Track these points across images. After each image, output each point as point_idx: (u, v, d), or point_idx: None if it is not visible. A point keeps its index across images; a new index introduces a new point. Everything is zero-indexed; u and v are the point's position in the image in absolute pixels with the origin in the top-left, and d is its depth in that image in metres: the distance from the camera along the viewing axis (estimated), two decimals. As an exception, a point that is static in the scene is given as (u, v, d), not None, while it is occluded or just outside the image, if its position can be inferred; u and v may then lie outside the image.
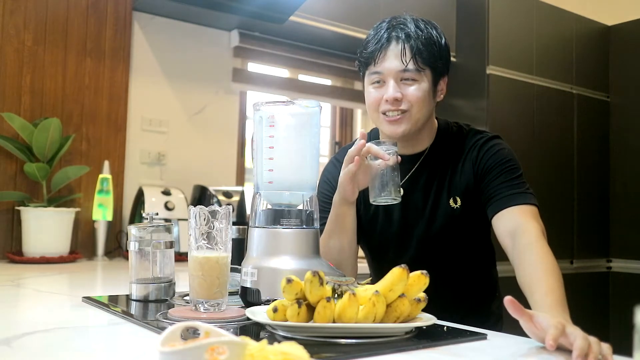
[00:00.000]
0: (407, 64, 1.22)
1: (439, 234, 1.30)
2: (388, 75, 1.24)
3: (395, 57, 1.23)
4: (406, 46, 1.22)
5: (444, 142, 1.33)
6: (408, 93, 1.23)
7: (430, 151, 1.33)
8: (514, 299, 0.79)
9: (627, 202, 3.31)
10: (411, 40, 1.22)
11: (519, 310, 0.79)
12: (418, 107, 1.24)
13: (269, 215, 1.03)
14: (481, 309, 1.38)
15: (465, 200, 1.28)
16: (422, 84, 1.24)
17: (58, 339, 0.83)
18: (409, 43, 1.22)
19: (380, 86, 1.25)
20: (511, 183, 1.22)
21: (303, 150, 1.06)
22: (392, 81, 1.23)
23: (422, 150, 1.33)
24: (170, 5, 2.30)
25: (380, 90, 1.25)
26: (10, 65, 2.08)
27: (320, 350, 0.73)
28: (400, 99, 1.23)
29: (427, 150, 1.33)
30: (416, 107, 1.24)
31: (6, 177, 2.06)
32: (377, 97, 1.25)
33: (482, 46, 2.93)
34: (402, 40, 1.23)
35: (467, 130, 1.35)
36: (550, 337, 0.75)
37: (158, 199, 2.22)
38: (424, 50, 1.22)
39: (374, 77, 1.26)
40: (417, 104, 1.23)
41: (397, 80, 1.23)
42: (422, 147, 1.33)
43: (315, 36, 2.73)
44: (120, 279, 1.60)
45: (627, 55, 3.39)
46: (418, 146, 1.32)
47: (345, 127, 3.28)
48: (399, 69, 1.22)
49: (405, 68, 1.22)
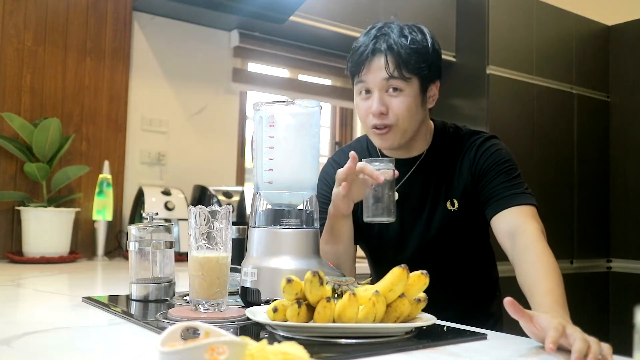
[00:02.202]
0: (392, 74, 1.21)
1: (437, 236, 1.30)
2: (373, 87, 1.23)
3: (378, 69, 1.22)
4: (389, 57, 1.21)
5: (441, 144, 1.33)
6: (393, 105, 1.22)
7: (427, 154, 1.32)
8: (513, 300, 0.79)
9: (627, 202, 3.31)
10: (394, 51, 1.21)
11: (519, 311, 0.79)
12: (404, 119, 1.23)
13: (269, 215, 1.03)
14: (481, 310, 1.38)
15: (463, 202, 1.28)
16: (409, 94, 1.23)
17: (58, 339, 0.83)
18: (392, 54, 1.21)
19: (368, 97, 1.25)
20: (509, 183, 1.22)
21: (303, 150, 1.06)
22: (377, 93, 1.22)
23: (419, 154, 1.32)
24: (170, 5, 2.30)
25: (367, 102, 1.25)
26: (10, 65, 2.08)
27: (320, 350, 0.73)
28: (385, 112, 1.22)
29: (423, 153, 1.32)
30: (402, 119, 1.23)
31: (6, 177, 2.06)
32: (365, 108, 1.25)
33: (482, 46, 2.93)
34: (385, 51, 1.22)
35: (464, 131, 1.34)
36: (550, 340, 0.75)
37: (158, 199, 2.22)
38: (408, 60, 1.21)
39: (361, 87, 1.26)
40: (403, 116, 1.22)
41: (383, 90, 1.23)
42: (418, 151, 1.32)
43: (315, 36, 2.73)
44: (120, 279, 1.60)
45: (627, 55, 3.39)
46: (414, 151, 1.32)
47: (345, 127, 3.28)
48: (384, 78, 1.22)
49: (390, 77, 1.21)
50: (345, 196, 1.14)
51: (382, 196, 1.13)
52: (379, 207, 1.13)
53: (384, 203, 1.13)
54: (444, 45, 3.02)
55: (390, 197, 1.13)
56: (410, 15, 2.82)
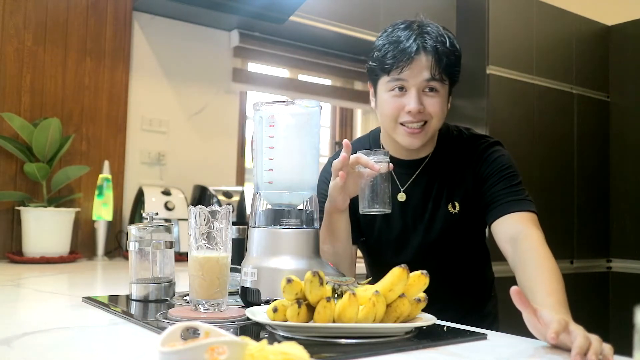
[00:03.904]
0: (434, 75, 1.19)
1: (438, 238, 1.30)
2: (412, 86, 1.21)
3: (423, 69, 1.20)
4: (434, 58, 1.20)
5: (445, 148, 1.33)
6: (429, 104, 1.21)
7: (433, 157, 1.32)
8: (520, 289, 0.79)
9: (627, 202, 3.31)
10: (439, 51, 1.20)
11: (524, 302, 0.79)
12: (437, 119, 1.23)
13: (269, 215, 1.03)
14: (477, 310, 1.39)
15: (464, 205, 1.28)
16: (442, 95, 1.23)
17: (58, 339, 0.83)
18: (437, 54, 1.20)
19: (401, 95, 1.22)
20: (511, 190, 1.23)
21: (303, 150, 1.06)
22: (415, 92, 1.20)
23: (425, 155, 1.32)
24: (170, 5, 2.30)
25: (400, 100, 1.22)
26: (10, 65, 2.08)
27: (320, 350, 0.73)
28: (422, 111, 1.21)
29: (429, 156, 1.32)
30: (436, 119, 1.23)
31: (6, 177, 2.06)
32: (396, 106, 1.22)
33: (482, 46, 2.93)
34: (431, 52, 1.20)
35: (467, 135, 1.34)
36: (552, 330, 0.75)
37: (158, 199, 2.22)
38: (447, 62, 1.21)
39: (395, 84, 1.22)
40: (437, 115, 1.23)
41: (420, 90, 1.21)
42: (424, 153, 1.32)
43: (315, 36, 2.73)
44: (120, 279, 1.60)
45: (627, 55, 3.39)
46: (421, 152, 1.32)
47: (345, 127, 3.28)
48: (425, 79, 1.20)
49: (431, 79, 1.20)
50: (342, 187, 1.14)
51: (378, 187, 1.13)
52: (375, 198, 1.13)
53: (380, 194, 1.13)
54: (444, 45, 3.03)
55: (386, 188, 1.14)
56: (410, 15, 2.81)
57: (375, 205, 1.13)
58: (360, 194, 1.15)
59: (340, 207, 1.19)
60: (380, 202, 1.13)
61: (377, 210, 1.14)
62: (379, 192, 1.13)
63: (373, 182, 1.13)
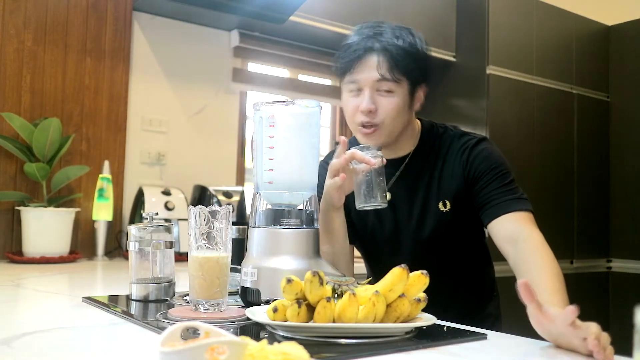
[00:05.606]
0: (383, 75, 1.22)
1: (431, 236, 1.30)
2: (364, 85, 1.24)
3: (371, 68, 1.23)
4: (382, 57, 1.22)
5: (428, 145, 1.33)
6: (382, 104, 1.23)
7: (414, 155, 1.33)
8: (528, 283, 0.78)
9: (627, 202, 3.31)
10: (388, 51, 1.22)
11: (530, 296, 0.78)
12: (391, 119, 1.24)
13: (269, 215, 1.03)
14: (478, 310, 1.38)
15: (456, 203, 1.28)
16: (398, 95, 1.24)
17: (58, 339, 0.83)
18: (385, 54, 1.22)
19: (357, 95, 1.25)
20: (505, 189, 1.22)
21: (303, 150, 1.06)
22: (368, 91, 1.23)
23: (405, 154, 1.33)
24: (170, 5, 2.30)
25: (356, 100, 1.25)
26: (10, 65, 2.08)
27: (320, 350, 0.73)
28: (374, 110, 1.23)
29: (410, 154, 1.33)
30: (389, 119, 1.24)
31: (6, 177, 2.06)
32: (353, 106, 1.26)
33: (482, 46, 2.93)
34: (378, 52, 1.22)
35: (454, 131, 1.34)
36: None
37: (158, 199, 2.22)
38: (400, 61, 1.22)
39: (351, 85, 1.26)
40: (391, 116, 1.24)
41: (373, 89, 1.23)
42: (404, 152, 1.33)
43: (315, 36, 2.73)
44: (120, 279, 1.60)
45: (627, 55, 3.39)
46: (400, 151, 1.33)
47: (345, 127, 3.28)
48: (375, 79, 1.22)
49: (381, 78, 1.22)
50: (340, 186, 1.16)
51: (373, 182, 1.15)
52: (372, 193, 1.15)
53: (375, 188, 1.15)
54: (444, 45, 3.04)
55: (381, 182, 1.15)
56: (410, 15, 2.82)
57: (372, 200, 1.15)
58: (356, 190, 1.17)
59: (336, 205, 1.21)
60: (377, 197, 1.15)
61: (374, 204, 1.15)
62: (374, 186, 1.15)
63: (368, 177, 1.15)
